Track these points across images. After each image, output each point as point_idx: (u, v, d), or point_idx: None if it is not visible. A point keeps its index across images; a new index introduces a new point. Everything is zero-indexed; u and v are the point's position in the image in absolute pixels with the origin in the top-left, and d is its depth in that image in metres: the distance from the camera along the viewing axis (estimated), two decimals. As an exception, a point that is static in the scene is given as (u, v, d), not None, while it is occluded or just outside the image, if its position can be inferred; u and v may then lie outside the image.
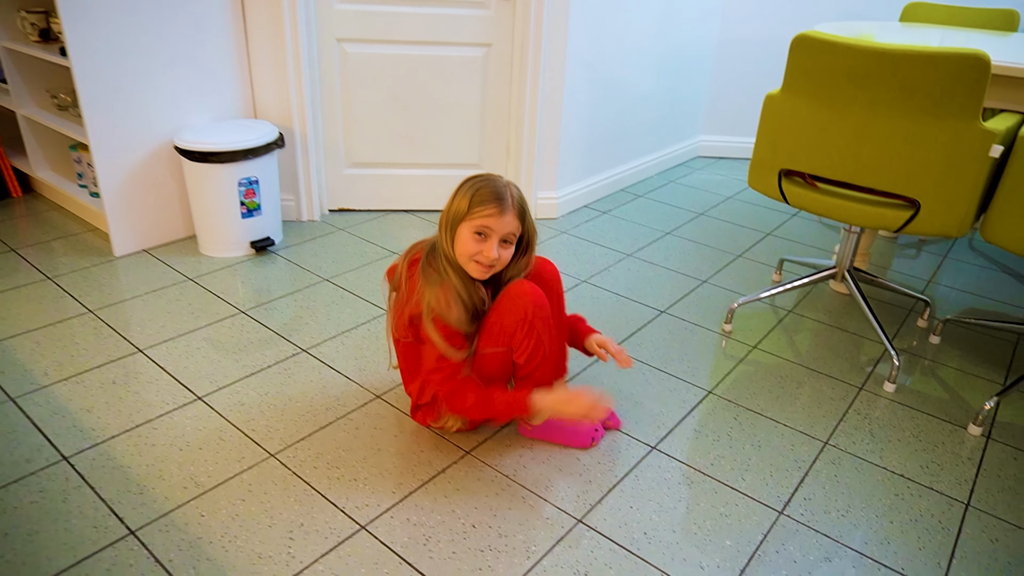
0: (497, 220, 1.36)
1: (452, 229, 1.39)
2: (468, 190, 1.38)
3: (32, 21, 2.41)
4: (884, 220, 1.79)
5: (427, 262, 1.42)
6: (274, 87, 2.51)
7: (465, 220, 1.37)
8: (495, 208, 1.35)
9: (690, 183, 3.42)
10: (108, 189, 2.27)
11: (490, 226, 1.36)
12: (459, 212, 1.37)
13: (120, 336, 1.91)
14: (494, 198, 1.36)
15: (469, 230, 1.37)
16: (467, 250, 1.38)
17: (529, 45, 2.57)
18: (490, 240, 1.37)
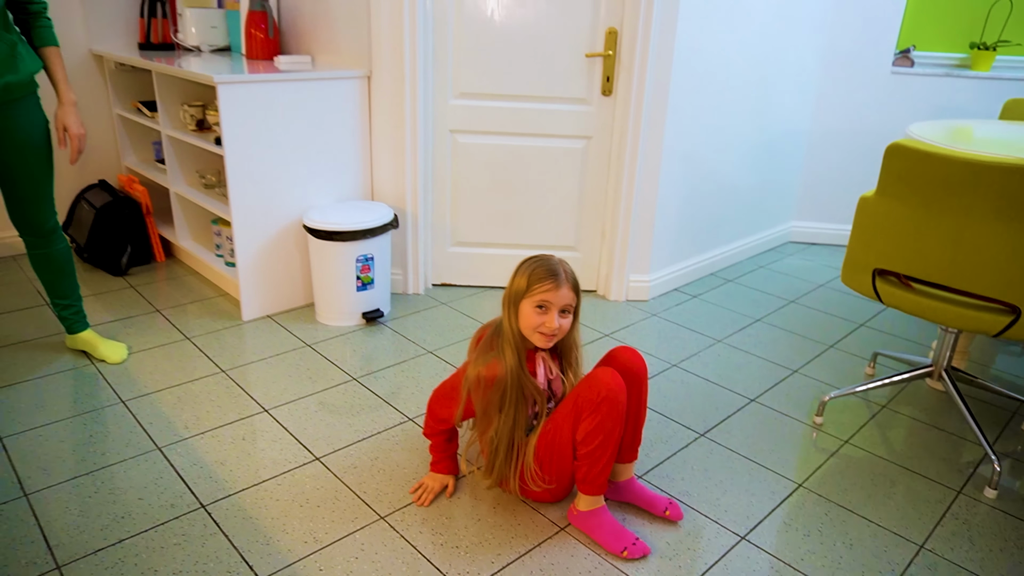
0: (555, 294, 1.51)
1: (515, 306, 1.55)
2: (526, 270, 1.55)
3: (192, 113, 2.77)
4: (982, 324, 1.80)
5: (489, 339, 1.61)
6: (391, 172, 2.76)
7: (526, 297, 1.53)
8: (552, 283, 1.51)
9: (781, 269, 3.45)
10: (243, 260, 2.54)
11: (549, 300, 1.51)
12: (519, 290, 1.54)
13: (248, 396, 2.12)
14: (550, 275, 1.52)
15: (531, 305, 1.52)
16: (531, 323, 1.53)
17: (628, 138, 2.73)
18: (550, 312, 1.52)
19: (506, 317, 1.56)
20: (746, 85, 3.13)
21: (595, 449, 1.54)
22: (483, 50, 2.66)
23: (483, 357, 1.59)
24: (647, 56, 2.61)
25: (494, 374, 1.56)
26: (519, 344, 1.56)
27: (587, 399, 1.52)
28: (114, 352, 2.29)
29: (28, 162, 1.97)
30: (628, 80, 2.67)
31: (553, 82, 2.70)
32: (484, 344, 1.61)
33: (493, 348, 1.59)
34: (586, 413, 1.52)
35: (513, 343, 1.55)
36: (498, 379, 1.56)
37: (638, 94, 2.67)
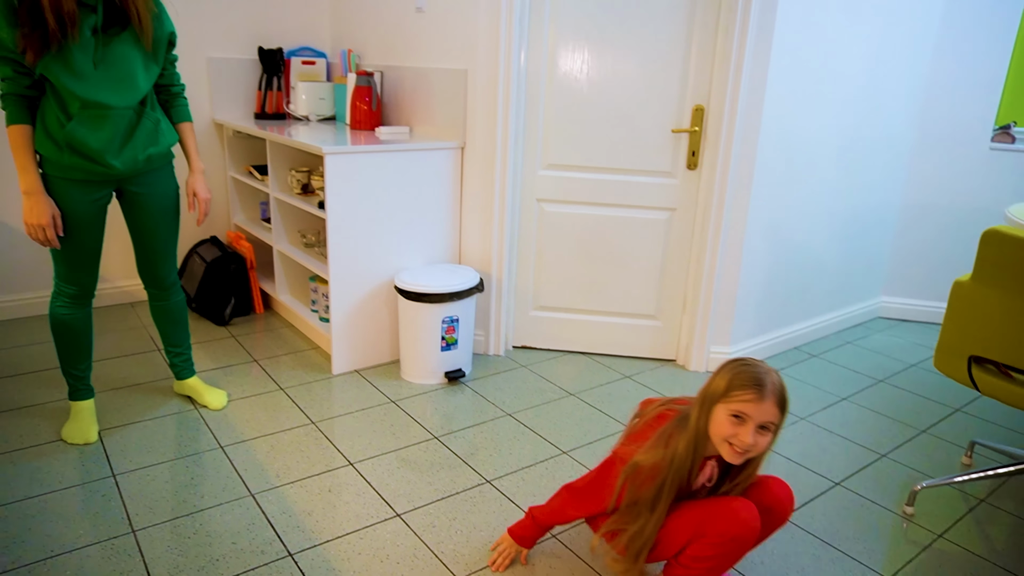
0: (756, 406, 1.35)
1: (708, 408, 1.40)
2: (728, 371, 1.39)
3: (298, 178, 2.99)
4: (1091, 420, 1.70)
5: (672, 427, 1.46)
6: (479, 237, 2.88)
7: (722, 401, 1.37)
8: (755, 394, 1.34)
9: (869, 346, 3.35)
10: (337, 317, 2.69)
11: (748, 412, 1.35)
12: (716, 391, 1.38)
13: (335, 448, 2.22)
14: (754, 383, 1.35)
15: (726, 412, 1.37)
16: (722, 431, 1.38)
17: (712, 210, 2.76)
18: (746, 425, 1.36)
19: (695, 414, 1.42)
20: (835, 158, 3.12)
21: (696, 573, 1.45)
22: (572, 124, 2.78)
23: (656, 449, 1.45)
24: (733, 132, 2.66)
25: (659, 469, 1.43)
26: (700, 447, 1.43)
27: (716, 530, 1.40)
28: (216, 399, 2.44)
29: (161, 224, 2.18)
30: (714, 155, 2.72)
31: (639, 155, 2.78)
32: (662, 434, 1.46)
33: (671, 444, 1.44)
34: (708, 540, 1.41)
35: (694, 443, 1.42)
36: (659, 472, 1.43)
37: (723, 168, 2.71)
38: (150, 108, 2.05)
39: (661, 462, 1.43)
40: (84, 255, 2.05)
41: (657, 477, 1.44)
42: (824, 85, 2.91)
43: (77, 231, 2.00)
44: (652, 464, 1.44)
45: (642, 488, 1.45)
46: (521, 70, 2.70)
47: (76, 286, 2.08)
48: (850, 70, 3.01)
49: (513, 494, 2.03)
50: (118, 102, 1.93)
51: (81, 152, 1.92)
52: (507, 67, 2.66)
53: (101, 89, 1.89)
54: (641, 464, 1.45)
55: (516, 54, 2.65)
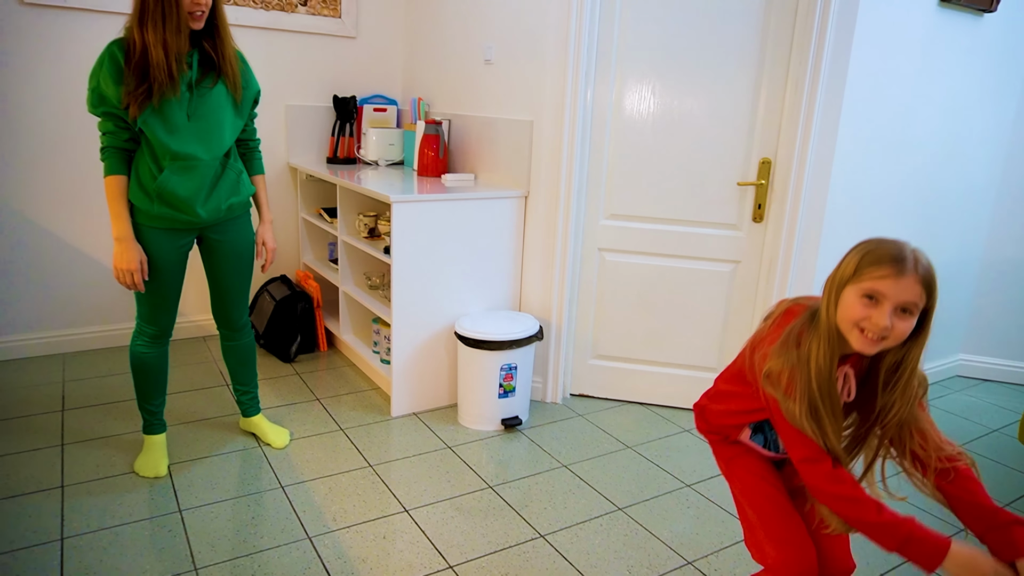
0: (892, 283, 1.17)
1: (837, 292, 1.23)
2: (860, 250, 1.23)
3: (366, 222, 3.08)
4: None
5: (800, 324, 1.28)
6: (540, 285, 2.89)
7: (852, 282, 1.21)
8: (890, 269, 1.18)
9: (946, 407, 3.18)
10: (398, 360, 2.73)
11: (881, 290, 1.18)
12: (846, 274, 1.22)
13: (391, 493, 2.24)
14: (890, 259, 1.18)
15: (856, 293, 1.20)
16: (852, 315, 1.20)
17: (778, 264, 2.71)
18: (882, 306, 1.18)
19: (824, 306, 1.24)
20: (910, 210, 3.02)
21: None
22: (636, 175, 2.78)
23: (786, 352, 1.26)
24: (801, 186, 2.61)
25: (795, 376, 1.24)
26: (835, 342, 1.23)
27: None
28: (279, 438, 2.51)
29: (237, 269, 2.28)
30: (780, 208, 2.67)
31: (703, 207, 2.76)
32: (790, 333, 1.27)
33: (801, 344, 1.25)
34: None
35: (828, 339, 1.23)
36: (797, 380, 1.24)
37: (790, 222, 2.66)
38: (233, 160, 2.16)
39: (795, 367, 1.24)
40: (165, 298, 2.16)
41: (800, 396, 1.23)
42: (899, 138, 2.83)
43: (160, 276, 2.11)
44: (783, 369, 1.25)
45: (790, 400, 1.25)
46: (586, 121, 2.73)
47: (156, 326, 2.19)
48: (927, 122, 2.93)
49: (567, 551, 2.00)
50: (206, 154, 2.04)
51: (170, 202, 2.03)
52: (572, 118, 2.70)
53: (192, 142, 2.01)
54: (772, 370, 1.26)
55: (581, 106, 2.69)
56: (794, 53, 2.56)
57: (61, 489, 2.16)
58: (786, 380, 1.25)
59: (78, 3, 2.94)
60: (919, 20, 2.73)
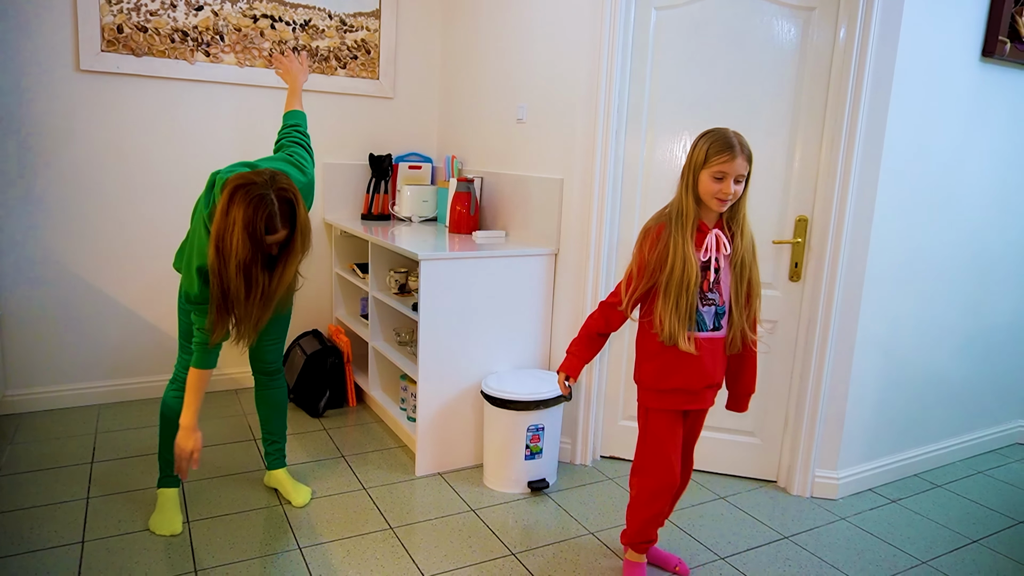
0: (731, 164, 1.75)
1: (694, 175, 1.79)
2: (705, 143, 1.78)
3: (396, 279, 3.09)
4: None
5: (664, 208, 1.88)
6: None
7: (704, 168, 1.77)
8: (729, 155, 1.74)
9: (1005, 477, 2.98)
10: (423, 418, 2.69)
11: (725, 171, 1.75)
12: (698, 161, 1.78)
13: (410, 559, 2.17)
14: (727, 147, 1.75)
15: (709, 175, 1.77)
16: (709, 190, 1.78)
17: (817, 325, 2.61)
18: (727, 180, 1.76)
19: (682, 186, 1.82)
20: (959, 271, 2.90)
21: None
22: (666, 232, 2.74)
23: (655, 217, 1.88)
24: (840, 245, 2.53)
25: (662, 226, 1.83)
26: (691, 209, 1.81)
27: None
28: (300, 496, 2.47)
29: (281, 315, 2.32)
30: (819, 267, 2.59)
31: (736, 265, 2.69)
32: (659, 212, 1.89)
33: (670, 205, 1.86)
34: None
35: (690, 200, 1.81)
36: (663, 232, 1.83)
37: (829, 281, 2.57)
38: None
39: (663, 217, 1.85)
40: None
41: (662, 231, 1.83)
42: (943, 196, 2.74)
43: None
44: (656, 224, 1.85)
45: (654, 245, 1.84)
46: (616, 179, 2.72)
47: None
48: (973, 180, 2.83)
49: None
50: None
51: None
52: (602, 175, 2.69)
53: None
54: (648, 227, 1.87)
55: (612, 163, 2.68)
56: (829, 109, 2.52)
57: (81, 545, 2.15)
58: (655, 227, 1.85)
59: (131, 69, 3.08)
60: (961, 75, 2.67)
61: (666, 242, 1.80)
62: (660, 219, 1.85)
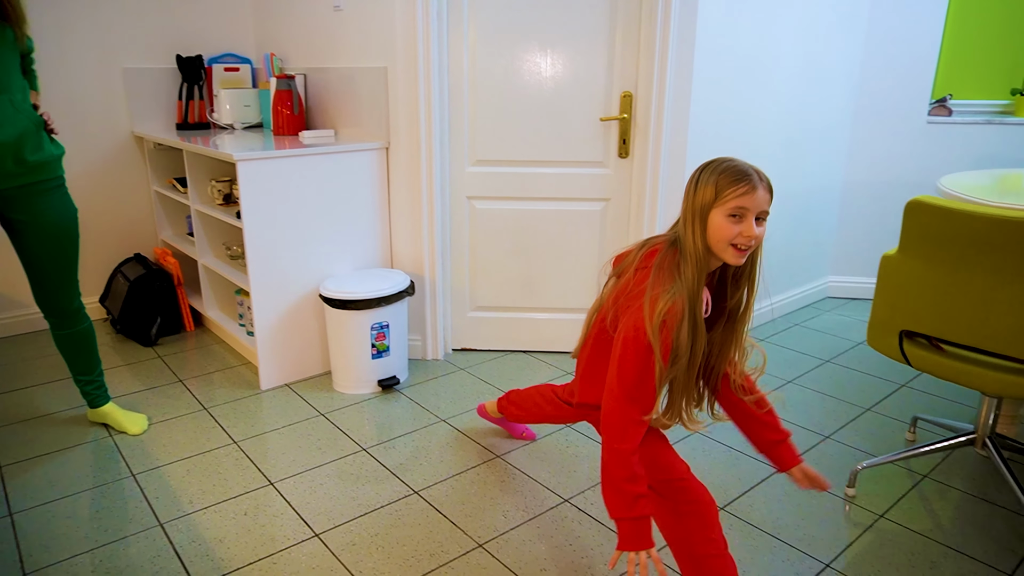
0: (751, 197, 1.28)
1: (702, 220, 1.29)
2: (711, 176, 1.30)
3: (219, 188, 2.86)
4: (1022, 390, 1.66)
5: (666, 256, 1.34)
6: (409, 239, 2.78)
7: (716, 206, 1.28)
8: (747, 185, 1.28)
9: (817, 326, 3.31)
10: (261, 330, 2.57)
11: (746, 205, 1.27)
12: (707, 200, 1.29)
13: (256, 468, 2.10)
14: (743, 176, 1.28)
15: (723, 214, 1.28)
16: (725, 235, 1.28)
17: (646, 199, 2.69)
18: (747, 219, 1.28)
19: (690, 234, 1.30)
20: (772, 140, 3.07)
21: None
22: (498, 118, 2.69)
23: (670, 286, 1.30)
24: (662, 118, 2.60)
25: (678, 308, 1.29)
26: (703, 265, 1.31)
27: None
28: (134, 424, 2.31)
29: (57, 252, 2.05)
30: (644, 142, 2.65)
31: (569, 146, 2.71)
32: (661, 268, 1.33)
33: (673, 276, 1.30)
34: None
35: (696, 264, 1.29)
36: (679, 313, 1.29)
37: (655, 155, 2.64)
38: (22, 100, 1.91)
39: (680, 297, 1.29)
40: None
41: (686, 319, 1.29)
42: (756, 67, 2.86)
43: None
44: (675, 305, 1.29)
45: (670, 335, 1.29)
46: (442, 65, 2.61)
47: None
48: (783, 51, 2.96)
49: (441, 504, 1.93)
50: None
51: None
52: (426, 63, 2.57)
53: None
54: (666, 311, 1.29)
55: (435, 49, 2.56)
56: (643, -19, 2.52)
57: None
58: (672, 312, 1.29)
59: None
60: (764, -56, 2.74)
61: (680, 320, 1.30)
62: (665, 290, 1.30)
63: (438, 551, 1.74)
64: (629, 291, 1.38)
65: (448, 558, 1.71)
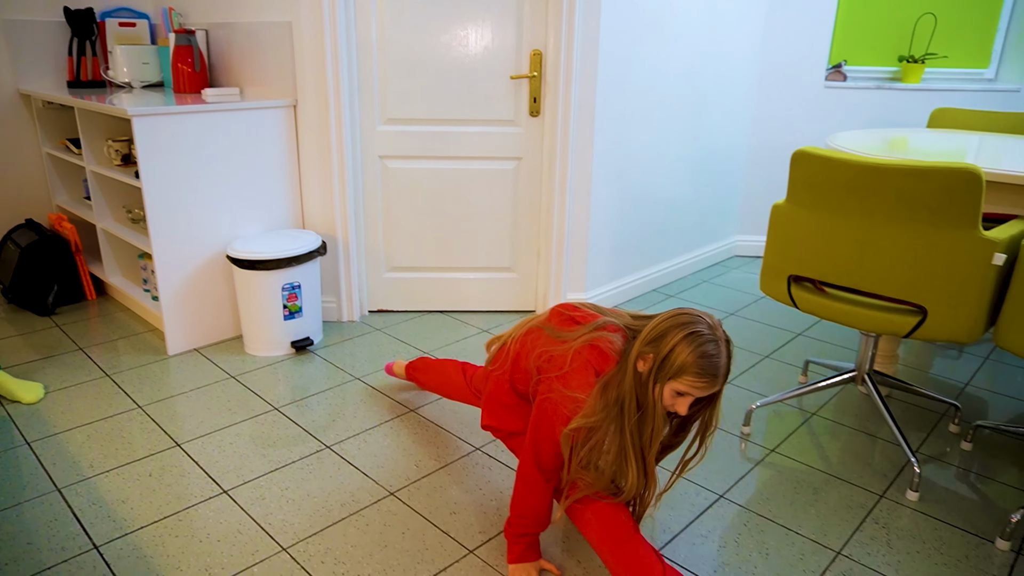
0: (702, 390, 1.32)
1: (663, 380, 1.32)
2: (695, 351, 1.29)
3: (116, 148, 2.73)
4: (892, 326, 1.79)
5: (614, 383, 1.37)
6: (321, 200, 2.73)
7: (679, 379, 1.30)
8: (708, 382, 1.31)
9: (724, 283, 3.46)
10: (166, 294, 2.49)
11: (693, 393, 1.32)
12: (673, 367, 1.30)
13: (162, 431, 2.06)
14: (712, 373, 1.30)
15: (672, 388, 1.32)
16: (665, 402, 1.35)
17: (556, 157, 2.73)
18: (687, 399, 1.34)
19: (651, 391, 1.33)
20: (680, 102, 3.16)
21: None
22: (408, 76, 2.67)
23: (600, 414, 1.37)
24: (571, 76, 2.63)
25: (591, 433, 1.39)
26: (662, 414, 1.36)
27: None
28: (28, 392, 2.22)
29: None
30: (554, 100, 2.68)
31: (480, 105, 2.71)
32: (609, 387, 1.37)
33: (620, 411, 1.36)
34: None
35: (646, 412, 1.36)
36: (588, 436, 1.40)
37: (564, 113, 2.68)
38: None
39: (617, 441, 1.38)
40: None
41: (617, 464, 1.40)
42: (663, 28, 2.92)
43: None
44: (599, 426, 1.38)
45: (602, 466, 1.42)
46: (349, 20, 2.56)
47: None
48: (689, 13, 3.04)
49: (353, 457, 1.94)
50: None
51: None
52: (332, 18, 2.51)
53: None
54: (588, 425, 1.38)
55: (341, 3, 2.51)
56: (550, -62, 2.53)
57: None
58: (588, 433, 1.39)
59: None
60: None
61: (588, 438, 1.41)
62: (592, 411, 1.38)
63: (349, 501, 1.76)
64: (561, 370, 1.41)
65: (359, 507, 1.74)
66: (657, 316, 1.39)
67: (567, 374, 1.40)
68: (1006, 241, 1.64)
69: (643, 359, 1.35)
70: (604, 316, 1.48)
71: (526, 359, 1.54)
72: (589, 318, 1.48)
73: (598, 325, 1.44)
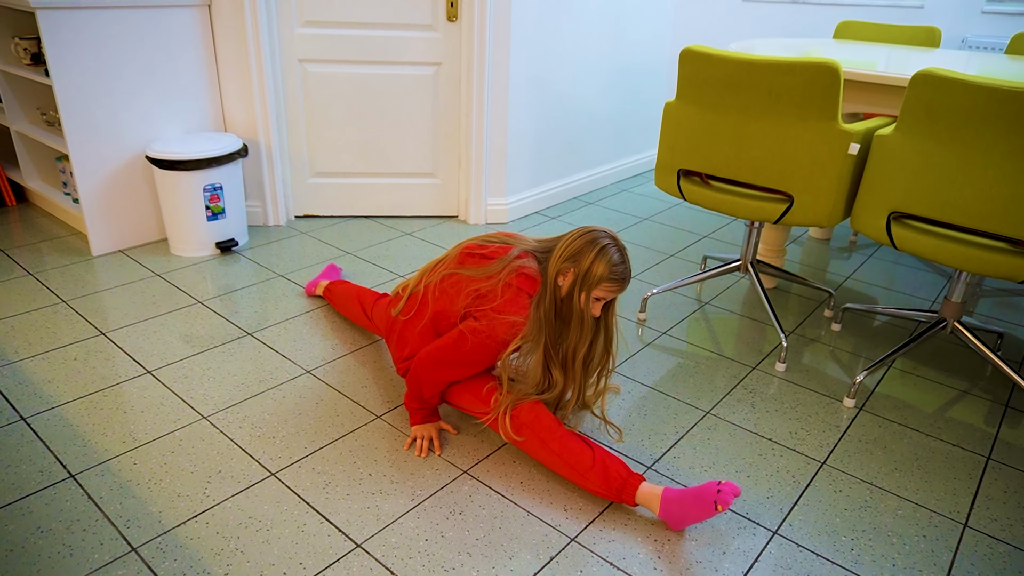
0: (613, 293, 1.57)
1: (588, 289, 1.53)
2: (608, 261, 1.52)
3: (25, 47, 2.68)
4: (764, 213, 1.98)
5: (543, 300, 1.56)
6: (241, 103, 2.75)
7: (598, 287, 1.53)
8: (620, 286, 1.55)
9: (643, 192, 3.62)
10: (86, 195, 2.52)
11: (606, 297, 1.56)
12: (597, 276, 1.52)
13: (87, 322, 2.14)
14: (626, 276, 1.55)
15: (595, 295, 1.54)
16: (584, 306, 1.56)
17: (474, 64, 2.80)
18: (600, 303, 1.58)
19: (577, 298, 1.54)
20: (599, 14, 3.22)
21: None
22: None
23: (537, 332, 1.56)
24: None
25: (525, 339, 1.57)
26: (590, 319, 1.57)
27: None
28: (-51, 290, 2.25)
29: None
30: (471, 5, 2.72)
31: (398, 8, 2.74)
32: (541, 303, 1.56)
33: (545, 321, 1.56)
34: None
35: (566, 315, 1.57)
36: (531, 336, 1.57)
37: (480, 19, 2.73)
38: None
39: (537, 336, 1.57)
40: None
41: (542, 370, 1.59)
42: (577, -68, 2.96)
43: None
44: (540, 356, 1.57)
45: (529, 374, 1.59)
46: (259, -85, 2.53)
47: None
48: (604, -82, 3.07)
49: (273, 342, 2.07)
50: None
51: None
52: (242, -89, 2.48)
53: None
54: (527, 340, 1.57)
55: None
56: None
57: None
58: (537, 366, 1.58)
59: None
60: None
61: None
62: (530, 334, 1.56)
63: (267, 378, 1.89)
64: (495, 302, 1.56)
65: (277, 383, 1.87)
66: (565, 236, 1.59)
67: (502, 304, 1.56)
68: (861, 132, 1.82)
69: (563, 275, 1.56)
70: (513, 246, 1.64)
71: (452, 303, 1.64)
72: (500, 251, 1.64)
73: (514, 256, 1.62)
